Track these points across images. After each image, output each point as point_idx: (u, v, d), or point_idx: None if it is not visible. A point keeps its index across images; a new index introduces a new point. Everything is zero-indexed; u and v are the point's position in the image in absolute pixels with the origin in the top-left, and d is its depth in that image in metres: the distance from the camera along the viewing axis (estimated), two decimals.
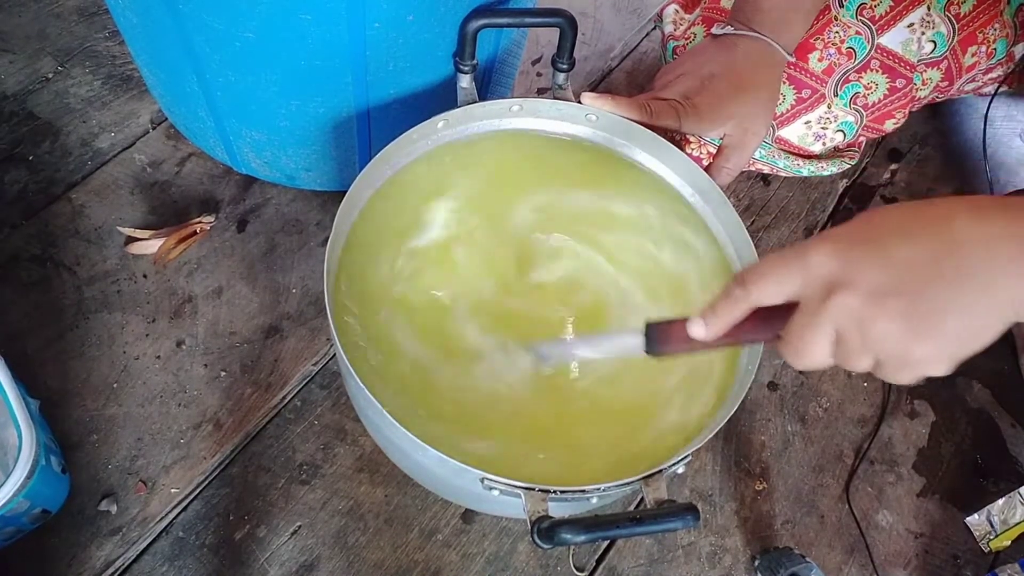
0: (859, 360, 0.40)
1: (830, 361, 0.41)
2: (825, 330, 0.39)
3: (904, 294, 0.37)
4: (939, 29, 0.71)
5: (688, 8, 0.83)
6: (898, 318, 0.37)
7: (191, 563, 0.65)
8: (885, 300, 0.37)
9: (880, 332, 0.38)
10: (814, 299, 0.39)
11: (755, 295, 0.42)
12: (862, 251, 0.39)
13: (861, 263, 0.38)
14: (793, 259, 0.40)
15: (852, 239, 0.39)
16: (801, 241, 0.43)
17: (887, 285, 0.38)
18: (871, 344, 0.38)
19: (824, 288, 0.39)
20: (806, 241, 0.41)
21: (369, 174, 0.59)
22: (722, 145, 0.66)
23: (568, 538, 0.45)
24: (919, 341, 0.38)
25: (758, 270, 0.42)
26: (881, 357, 0.39)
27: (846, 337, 0.39)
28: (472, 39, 0.62)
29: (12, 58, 0.88)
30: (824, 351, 0.40)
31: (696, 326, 0.45)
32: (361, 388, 0.50)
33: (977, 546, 0.76)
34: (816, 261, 0.39)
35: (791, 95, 0.74)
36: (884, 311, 0.38)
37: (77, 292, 0.75)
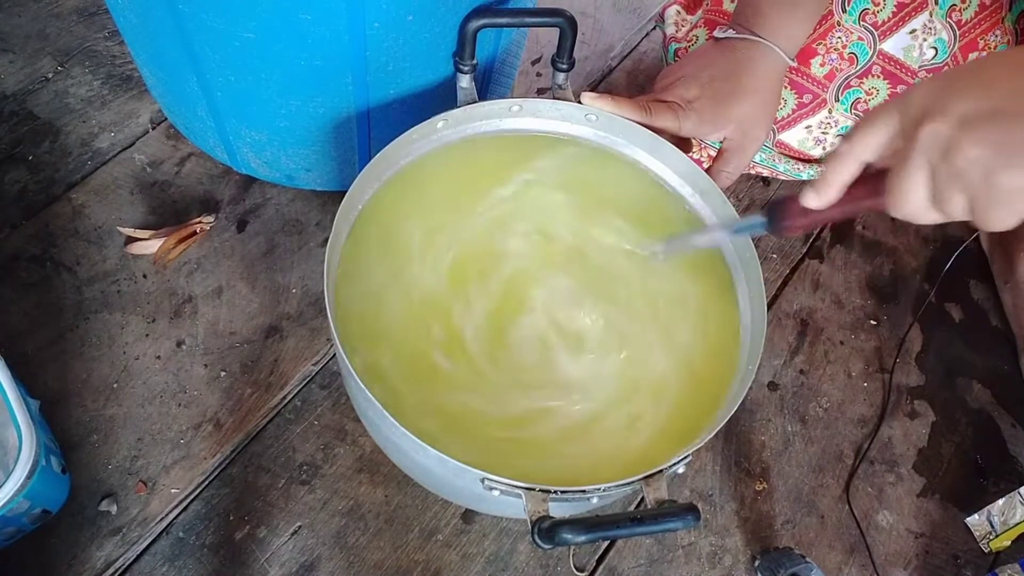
0: (952, 198, 0.37)
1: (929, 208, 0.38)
2: (917, 164, 0.37)
3: (998, 120, 0.35)
4: (940, 35, 0.72)
5: (690, 9, 0.83)
6: (988, 143, 0.35)
7: (191, 563, 0.65)
8: (976, 125, 0.35)
9: (967, 158, 0.35)
10: (908, 133, 0.38)
11: (859, 146, 0.41)
12: (964, 82, 0.37)
13: (959, 92, 0.36)
14: (894, 102, 0.39)
15: (957, 74, 0.38)
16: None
17: (981, 110, 0.35)
18: (959, 173, 0.36)
19: (916, 120, 0.37)
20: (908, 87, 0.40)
21: (369, 174, 0.59)
22: (722, 148, 0.66)
23: (569, 538, 0.45)
24: (1008, 169, 0.35)
25: (861, 122, 0.41)
26: (971, 190, 0.36)
27: (937, 170, 0.37)
28: (472, 39, 0.62)
29: (12, 58, 0.88)
30: (921, 191, 0.38)
31: (809, 195, 0.44)
32: (361, 388, 0.50)
33: (977, 546, 0.76)
34: (914, 98, 0.38)
35: (792, 100, 0.75)
36: (973, 136, 0.35)
37: (77, 292, 0.75)
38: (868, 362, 0.84)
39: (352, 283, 0.59)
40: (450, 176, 0.64)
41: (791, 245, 0.90)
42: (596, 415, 0.58)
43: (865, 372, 0.84)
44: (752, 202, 0.92)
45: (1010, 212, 0.36)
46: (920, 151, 0.37)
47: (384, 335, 0.58)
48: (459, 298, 0.60)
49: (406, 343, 0.58)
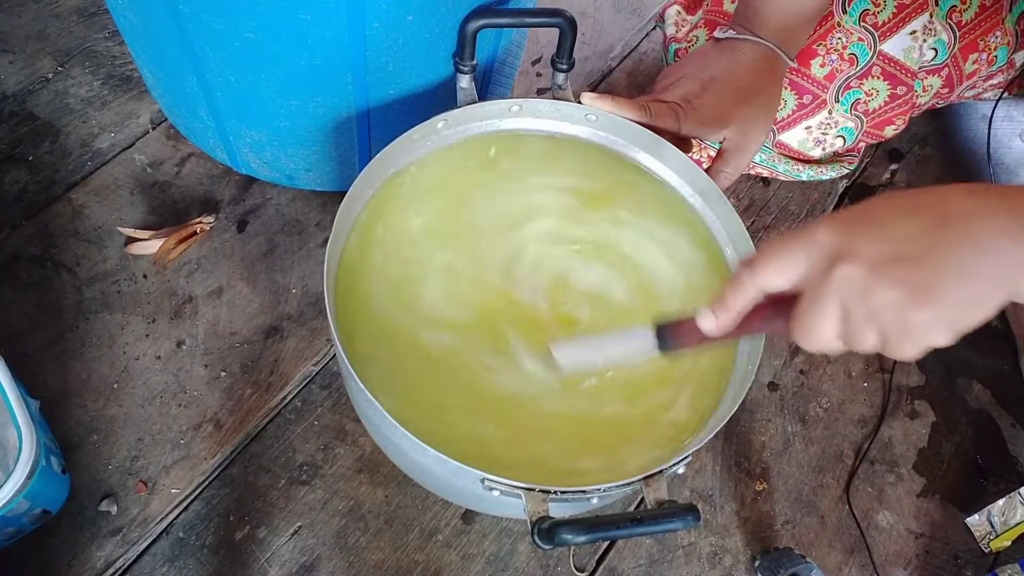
0: (864, 334, 0.40)
1: (838, 341, 0.41)
2: (830, 303, 0.39)
3: (903, 261, 0.38)
4: (940, 36, 0.72)
5: (690, 9, 0.83)
6: (898, 284, 0.38)
7: (191, 564, 0.65)
8: (885, 268, 0.38)
9: (881, 300, 0.38)
10: (818, 274, 0.40)
11: (762, 278, 0.42)
12: (863, 226, 0.39)
13: (863, 236, 0.39)
14: (797, 238, 0.41)
15: (853, 217, 0.40)
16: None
17: (887, 254, 0.38)
18: (873, 313, 0.39)
19: (827, 262, 0.39)
20: (808, 223, 0.41)
21: (369, 174, 0.59)
22: (722, 149, 0.66)
23: (569, 539, 0.45)
24: (919, 307, 0.38)
25: (764, 252, 0.42)
26: (884, 328, 0.39)
27: (849, 309, 0.39)
28: (472, 39, 0.62)
29: (12, 58, 0.88)
30: (832, 328, 0.40)
31: (706, 319, 0.45)
32: (361, 388, 0.50)
33: (977, 546, 0.76)
34: (819, 238, 0.40)
35: (792, 100, 0.75)
36: (884, 278, 0.38)
37: (77, 292, 0.75)
38: (868, 362, 0.84)
39: (352, 283, 0.59)
40: (450, 176, 0.64)
41: None
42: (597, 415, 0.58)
43: (865, 372, 0.84)
44: (752, 202, 0.92)
45: (918, 345, 0.39)
46: (834, 292, 0.39)
47: (384, 335, 0.58)
48: (459, 298, 0.60)
49: (406, 343, 0.58)
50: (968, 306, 0.38)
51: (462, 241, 0.62)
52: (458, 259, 0.61)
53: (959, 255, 0.37)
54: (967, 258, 0.37)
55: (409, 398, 0.56)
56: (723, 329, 0.45)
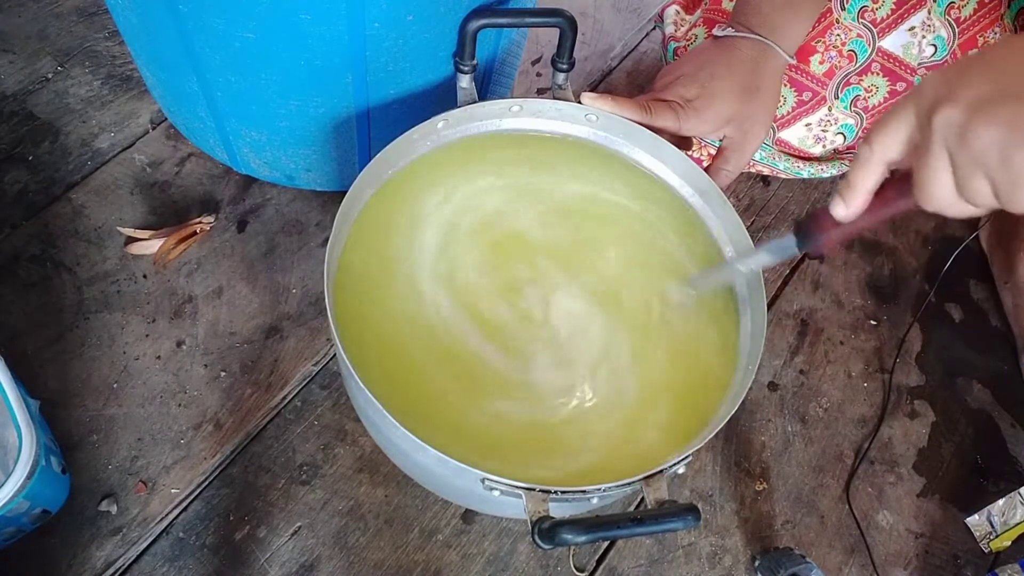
0: (974, 182, 0.37)
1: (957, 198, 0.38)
2: (936, 153, 0.37)
3: (1008, 99, 0.35)
4: (939, 33, 0.72)
5: (689, 9, 0.83)
6: (1000, 124, 0.35)
7: (191, 563, 0.65)
8: (986, 107, 0.36)
9: (983, 141, 0.36)
10: (924, 125, 0.38)
11: (879, 148, 0.41)
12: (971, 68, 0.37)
13: (968, 77, 0.37)
14: (907, 97, 0.39)
15: (962, 62, 0.38)
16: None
17: (990, 93, 0.36)
18: (976, 156, 0.36)
19: (931, 111, 0.38)
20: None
21: (369, 174, 0.59)
22: (722, 147, 0.66)
23: (569, 538, 0.45)
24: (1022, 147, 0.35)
25: (878, 124, 0.41)
26: (991, 173, 0.36)
27: (955, 157, 0.37)
28: (472, 39, 0.62)
29: (12, 58, 0.88)
30: (944, 181, 0.38)
31: (837, 205, 0.44)
32: (361, 388, 0.50)
33: (977, 546, 0.76)
34: (926, 89, 0.38)
35: (792, 97, 0.74)
36: (984, 118, 0.36)
37: (77, 292, 0.75)
38: (868, 362, 0.84)
39: (352, 283, 0.59)
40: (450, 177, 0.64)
41: None
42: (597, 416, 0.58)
43: (865, 372, 0.84)
44: (752, 202, 0.92)
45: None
46: (937, 140, 0.37)
47: (384, 335, 0.58)
48: (462, 298, 0.60)
49: (407, 343, 0.58)
50: None
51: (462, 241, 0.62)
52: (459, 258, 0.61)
53: None
54: None
55: (410, 398, 0.56)
56: (856, 212, 0.43)
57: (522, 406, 0.57)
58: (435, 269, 0.61)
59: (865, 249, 0.92)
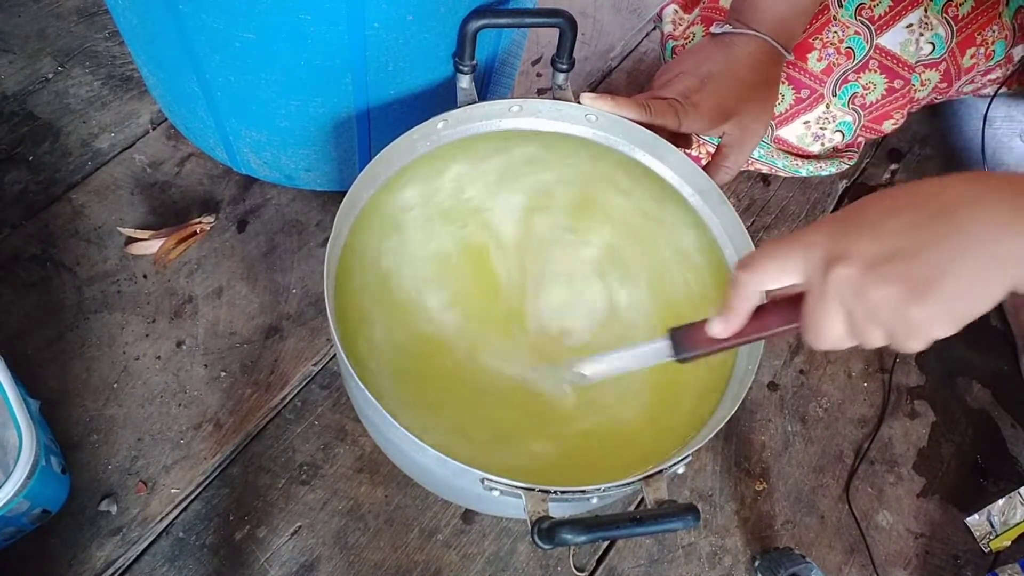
0: (869, 332, 0.40)
1: (848, 339, 0.41)
2: (832, 306, 0.40)
3: (898, 259, 0.37)
4: (937, 31, 0.72)
5: (687, 8, 0.83)
6: (895, 282, 0.37)
7: (191, 563, 0.65)
8: (880, 267, 0.38)
9: (879, 299, 0.38)
10: (817, 277, 0.40)
11: (758, 277, 0.42)
12: (856, 226, 0.39)
13: (856, 237, 0.39)
14: (791, 241, 0.41)
15: (846, 218, 0.40)
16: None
17: (881, 253, 0.38)
18: (873, 313, 0.38)
19: (824, 265, 0.39)
20: (802, 228, 0.41)
21: (369, 174, 0.59)
22: (721, 144, 0.66)
23: (568, 538, 0.45)
24: (917, 303, 0.37)
25: (758, 253, 0.42)
26: (887, 325, 0.39)
27: (851, 310, 0.39)
28: (472, 39, 0.62)
29: (12, 58, 0.88)
30: (838, 328, 0.40)
31: (716, 324, 0.45)
32: (361, 388, 0.50)
33: (977, 546, 0.76)
34: (813, 240, 0.40)
35: (790, 95, 0.75)
36: (880, 277, 0.38)
37: (77, 292, 0.75)
38: (868, 362, 0.84)
39: (352, 283, 0.59)
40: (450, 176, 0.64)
41: None
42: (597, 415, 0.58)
43: (865, 372, 0.84)
44: (752, 202, 0.92)
45: (922, 339, 0.39)
46: (833, 295, 0.39)
47: (384, 335, 0.58)
48: (460, 298, 0.60)
49: (406, 343, 0.58)
50: (967, 298, 0.37)
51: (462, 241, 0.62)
52: (459, 258, 0.61)
53: (953, 247, 0.37)
54: (962, 249, 0.37)
55: (409, 398, 0.56)
56: (731, 332, 0.45)
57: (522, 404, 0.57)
58: (434, 269, 0.61)
59: None
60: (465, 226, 0.63)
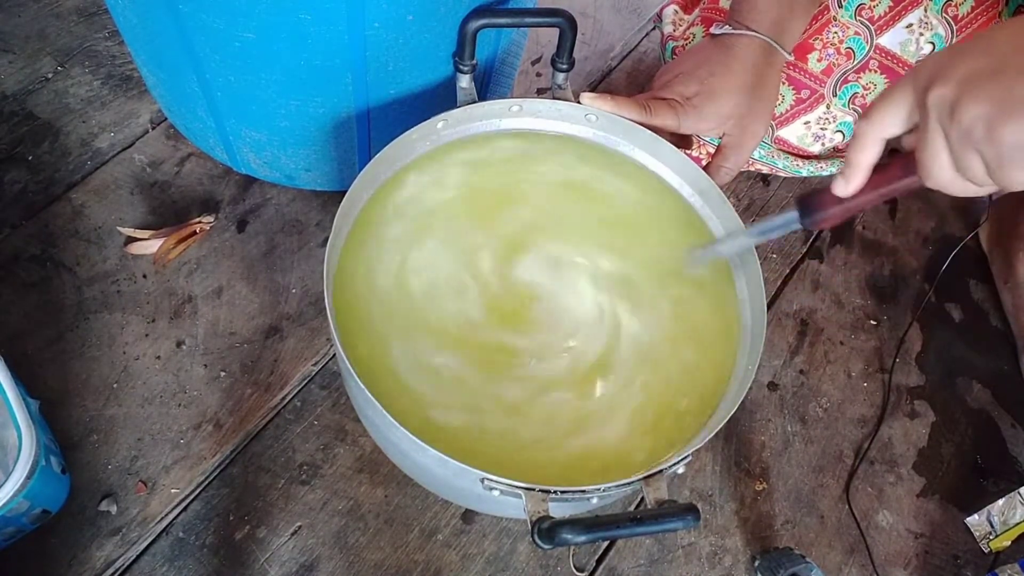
0: (967, 160, 0.37)
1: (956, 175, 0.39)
2: (932, 130, 0.38)
3: (997, 77, 0.35)
4: (937, 31, 0.72)
5: (687, 9, 0.83)
6: (987, 100, 0.35)
7: (191, 563, 0.65)
8: (975, 83, 0.36)
9: (969, 116, 0.36)
10: (921, 104, 0.38)
11: (876, 125, 0.41)
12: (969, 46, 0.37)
13: (963, 56, 0.37)
14: (905, 76, 0.40)
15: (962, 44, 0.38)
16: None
17: (981, 70, 0.36)
18: (966, 133, 0.36)
19: (926, 89, 0.38)
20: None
21: (369, 174, 0.59)
22: (721, 145, 0.66)
23: (569, 538, 0.45)
24: (1008, 123, 0.35)
25: (876, 100, 0.41)
26: (980, 149, 0.36)
27: (948, 133, 0.37)
28: (472, 39, 0.62)
29: (12, 58, 0.88)
30: (942, 158, 0.38)
31: (838, 183, 0.44)
32: (361, 388, 0.50)
33: (977, 546, 0.76)
34: (923, 68, 0.38)
35: (790, 95, 0.75)
36: (972, 94, 0.36)
37: (77, 292, 0.75)
38: (868, 362, 0.84)
39: (352, 283, 0.59)
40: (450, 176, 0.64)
41: (791, 245, 0.90)
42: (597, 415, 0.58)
43: (865, 372, 0.84)
44: (752, 202, 0.92)
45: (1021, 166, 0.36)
46: (932, 117, 0.37)
47: (384, 335, 0.58)
48: (460, 298, 0.60)
49: (406, 343, 0.58)
50: None
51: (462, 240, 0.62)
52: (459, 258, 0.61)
53: None
54: None
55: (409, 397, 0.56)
56: (856, 188, 0.44)
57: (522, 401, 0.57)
58: (435, 269, 0.61)
59: (865, 249, 0.92)
60: (465, 225, 0.63)
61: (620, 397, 0.58)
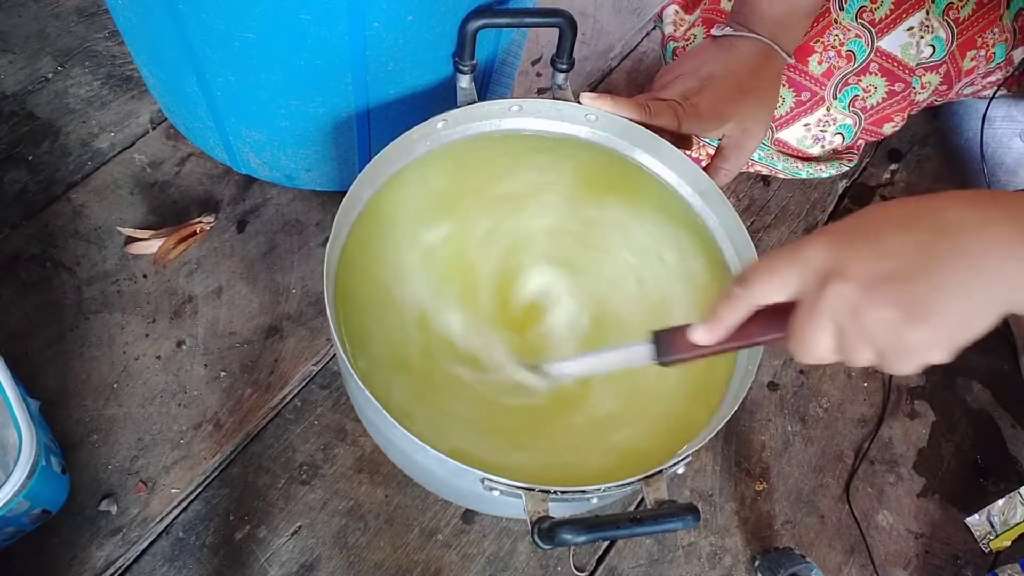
0: (859, 352, 0.39)
1: (834, 355, 0.40)
2: (824, 322, 0.39)
3: (897, 280, 0.37)
4: (938, 33, 0.72)
5: (688, 9, 0.83)
6: (892, 304, 0.37)
7: (191, 563, 0.65)
8: (878, 287, 0.37)
9: (875, 320, 0.37)
10: (811, 292, 0.39)
11: (756, 294, 0.42)
12: (856, 242, 0.39)
13: (855, 253, 0.38)
14: (789, 254, 0.40)
15: (846, 231, 0.40)
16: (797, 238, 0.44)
17: (880, 272, 0.37)
18: (867, 333, 0.38)
19: (820, 280, 0.39)
20: (802, 238, 0.41)
21: (369, 174, 0.59)
22: (720, 146, 0.66)
23: (568, 538, 0.45)
24: (914, 327, 0.37)
25: (757, 268, 0.42)
26: (879, 346, 0.38)
27: (844, 328, 0.39)
28: (472, 39, 0.62)
29: (12, 58, 0.88)
30: (826, 344, 0.40)
31: (699, 331, 0.44)
32: (361, 388, 0.50)
33: (977, 546, 0.76)
34: (811, 254, 0.40)
35: (790, 97, 0.75)
36: (877, 298, 0.37)
37: (77, 292, 0.75)
38: None
39: (352, 283, 0.59)
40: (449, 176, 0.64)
41: None
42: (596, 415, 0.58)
43: (865, 372, 0.84)
44: (752, 202, 0.92)
45: (915, 362, 0.38)
46: (826, 311, 0.39)
47: (384, 335, 0.58)
48: (459, 298, 0.60)
49: (406, 343, 0.58)
50: (965, 322, 0.37)
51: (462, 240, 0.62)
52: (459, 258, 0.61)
53: (954, 270, 0.36)
54: (963, 274, 0.36)
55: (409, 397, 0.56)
56: (715, 341, 0.44)
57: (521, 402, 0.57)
58: (434, 269, 0.61)
59: None
60: (465, 226, 0.63)
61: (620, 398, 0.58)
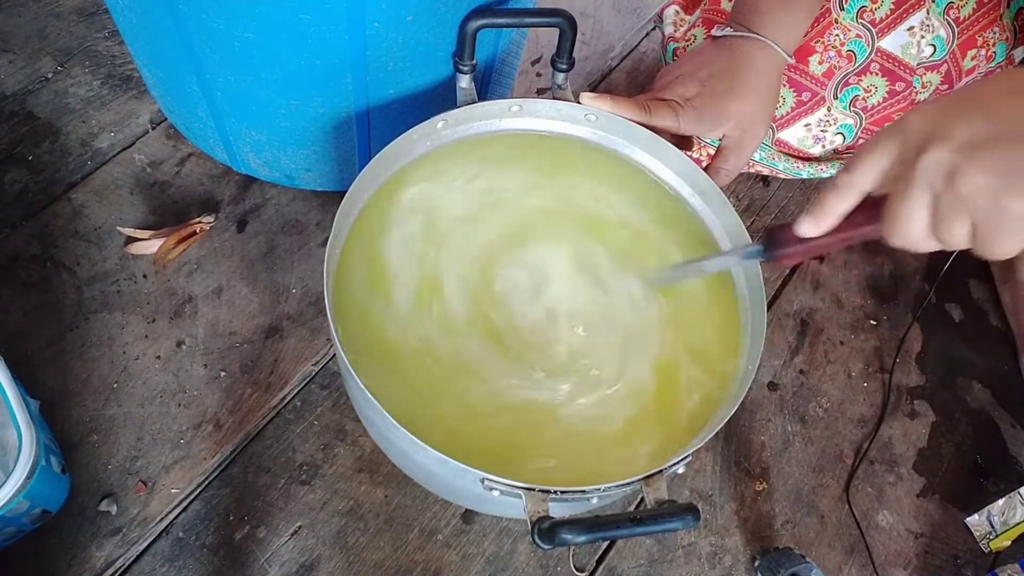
0: (953, 224, 0.36)
1: (928, 235, 0.38)
2: (919, 191, 0.36)
3: (1000, 144, 0.34)
4: (939, 33, 0.72)
5: (688, 9, 0.83)
6: (992, 170, 0.34)
7: (191, 563, 0.65)
8: (979, 151, 0.35)
9: (972, 185, 0.35)
10: (908, 162, 0.37)
11: (859, 178, 0.40)
12: (962, 105, 0.36)
13: (959, 116, 0.36)
14: (891, 130, 0.38)
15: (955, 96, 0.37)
16: None
17: (983, 136, 0.35)
18: (963, 201, 0.35)
19: (918, 147, 0.36)
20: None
21: (369, 174, 0.59)
22: (721, 146, 0.66)
23: (568, 538, 0.45)
24: (1017, 195, 0.34)
25: (860, 151, 0.40)
26: (976, 217, 0.35)
27: (938, 196, 0.36)
28: (472, 39, 0.62)
29: (12, 58, 0.88)
30: (921, 219, 0.37)
31: (805, 223, 0.43)
32: (361, 388, 0.50)
33: (977, 546, 0.76)
34: (912, 124, 0.37)
35: (791, 98, 0.75)
36: (977, 162, 0.35)
37: (77, 292, 0.75)
38: (868, 362, 0.84)
39: (352, 283, 0.59)
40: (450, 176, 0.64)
41: None
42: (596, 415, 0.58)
43: (865, 372, 0.84)
44: (752, 202, 0.92)
45: (1015, 239, 0.36)
46: (922, 178, 0.36)
47: (384, 335, 0.58)
48: (459, 298, 0.60)
49: (406, 343, 0.58)
50: None
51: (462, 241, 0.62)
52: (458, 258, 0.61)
53: None
54: None
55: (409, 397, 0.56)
56: (822, 232, 0.43)
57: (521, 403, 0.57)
58: (434, 269, 0.61)
59: (865, 249, 0.92)
60: (465, 226, 0.63)
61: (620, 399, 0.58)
